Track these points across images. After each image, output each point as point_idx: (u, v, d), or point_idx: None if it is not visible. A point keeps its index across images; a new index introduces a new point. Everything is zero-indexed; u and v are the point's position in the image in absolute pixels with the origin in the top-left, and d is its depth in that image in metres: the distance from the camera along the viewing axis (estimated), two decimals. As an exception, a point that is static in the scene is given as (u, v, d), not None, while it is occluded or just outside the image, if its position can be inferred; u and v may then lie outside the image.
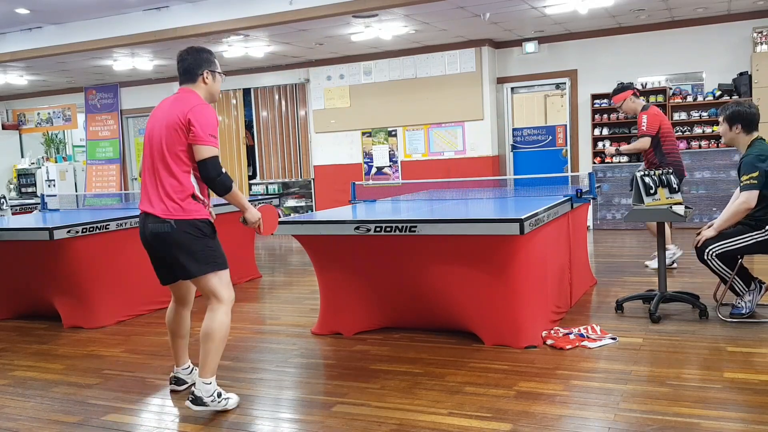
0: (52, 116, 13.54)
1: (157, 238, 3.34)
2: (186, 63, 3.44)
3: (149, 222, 3.35)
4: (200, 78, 3.43)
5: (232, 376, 3.95)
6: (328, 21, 8.06)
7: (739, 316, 4.55)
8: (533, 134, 10.51)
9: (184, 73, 3.45)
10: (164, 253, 3.39)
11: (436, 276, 4.32)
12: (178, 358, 3.77)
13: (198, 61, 3.43)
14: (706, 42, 9.29)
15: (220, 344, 3.34)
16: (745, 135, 4.57)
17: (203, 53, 3.46)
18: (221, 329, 3.33)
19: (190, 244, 3.31)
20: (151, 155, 3.37)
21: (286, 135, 11.70)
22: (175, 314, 3.69)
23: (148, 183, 3.38)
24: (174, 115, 3.28)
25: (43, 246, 5.09)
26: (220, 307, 3.36)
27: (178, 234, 3.29)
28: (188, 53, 3.46)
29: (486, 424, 3.09)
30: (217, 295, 3.36)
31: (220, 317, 3.34)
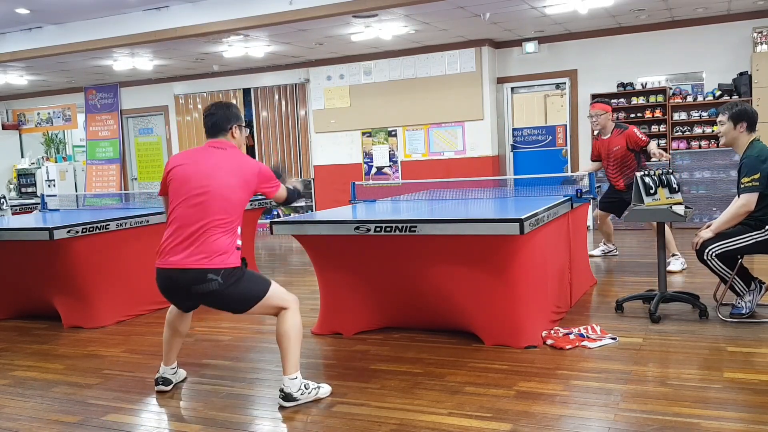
0: (52, 116, 13.54)
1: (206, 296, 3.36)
2: (216, 117, 3.56)
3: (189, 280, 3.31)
4: (230, 132, 3.56)
5: (232, 376, 3.96)
6: (328, 21, 8.06)
7: (739, 316, 4.55)
8: (533, 134, 10.51)
9: (213, 126, 3.56)
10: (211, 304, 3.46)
11: (436, 276, 4.32)
12: (169, 357, 3.78)
13: (227, 115, 3.56)
14: (706, 42, 9.29)
15: (297, 341, 3.45)
16: (747, 134, 4.57)
17: (232, 108, 3.60)
18: (294, 328, 3.45)
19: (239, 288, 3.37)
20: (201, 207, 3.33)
21: (286, 135, 11.70)
22: (179, 313, 3.73)
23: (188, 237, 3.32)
24: (235, 173, 3.40)
25: (43, 246, 5.09)
26: (286, 312, 3.47)
27: (225, 286, 3.32)
28: (217, 108, 3.58)
29: (486, 424, 3.09)
30: (281, 306, 3.47)
31: (290, 319, 3.46)
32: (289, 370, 3.44)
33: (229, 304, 3.44)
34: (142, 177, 13.19)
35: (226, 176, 3.38)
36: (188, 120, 12.31)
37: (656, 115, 9.50)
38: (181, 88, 12.23)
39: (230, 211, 3.36)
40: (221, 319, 5.42)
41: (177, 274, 3.32)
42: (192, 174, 3.40)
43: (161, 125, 12.78)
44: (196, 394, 3.73)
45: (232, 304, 3.43)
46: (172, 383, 3.79)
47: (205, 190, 3.34)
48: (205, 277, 3.28)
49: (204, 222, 3.31)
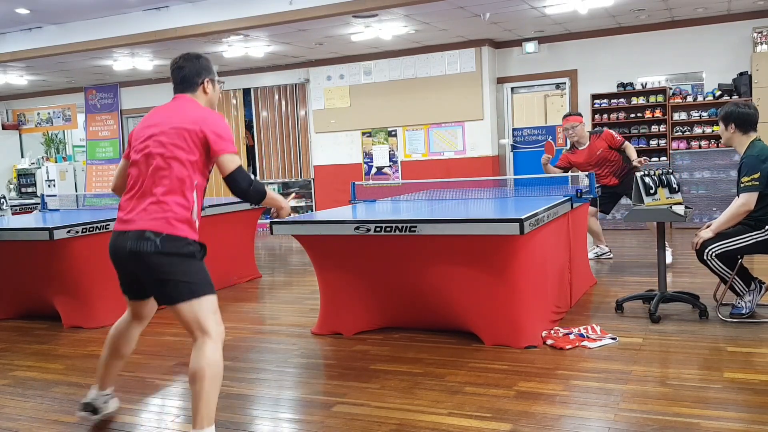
0: (52, 116, 13.53)
1: (136, 257, 2.84)
2: (184, 71, 3.09)
3: (128, 240, 2.85)
4: (200, 87, 3.11)
5: (232, 376, 3.95)
6: (328, 21, 8.06)
7: (739, 316, 4.55)
8: (533, 134, 10.51)
9: (182, 81, 3.09)
10: (143, 273, 2.90)
11: (436, 276, 4.32)
12: (105, 380, 3.25)
13: (197, 68, 3.10)
14: (706, 42, 9.30)
15: (214, 384, 2.78)
16: (741, 135, 4.54)
17: (202, 60, 3.15)
18: (213, 365, 2.79)
19: (176, 266, 2.84)
20: (144, 167, 2.92)
21: (286, 135, 11.70)
22: (127, 329, 3.21)
23: (135, 195, 2.92)
24: (180, 124, 2.91)
25: (43, 246, 5.09)
26: (207, 342, 2.82)
27: (162, 254, 2.82)
28: (186, 60, 3.12)
29: (486, 424, 3.09)
30: (202, 326, 2.84)
31: (211, 352, 2.81)
32: (201, 422, 2.74)
33: (157, 283, 2.87)
34: (142, 177, 13.17)
35: (171, 125, 2.92)
36: (188, 120, 12.29)
37: (656, 115, 9.50)
38: (181, 88, 12.21)
39: (169, 168, 2.86)
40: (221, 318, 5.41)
41: (116, 238, 2.92)
42: (140, 129, 3.03)
43: (161, 125, 12.76)
44: (196, 394, 3.73)
45: (159, 283, 2.86)
46: (100, 412, 3.27)
47: (146, 143, 2.93)
48: (141, 235, 2.81)
49: (146, 179, 2.89)
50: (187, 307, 2.84)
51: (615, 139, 6.71)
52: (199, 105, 3.07)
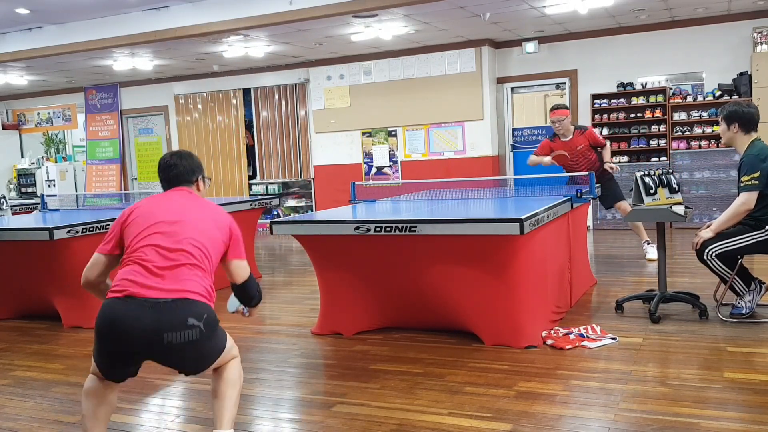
0: (52, 116, 13.53)
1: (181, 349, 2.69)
2: (179, 168, 3.06)
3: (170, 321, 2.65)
4: (195, 185, 3.11)
5: (232, 376, 3.95)
6: (328, 21, 8.06)
7: (739, 316, 4.55)
8: (533, 134, 10.50)
9: (176, 178, 3.06)
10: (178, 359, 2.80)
11: (436, 276, 4.32)
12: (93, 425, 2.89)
13: (192, 166, 3.10)
14: (706, 42, 9.29)
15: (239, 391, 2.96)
16: (743, 134, 4.55)
17: (194, 158, 3.16)
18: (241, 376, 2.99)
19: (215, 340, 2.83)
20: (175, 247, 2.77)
21: (286, 135, 11.70)
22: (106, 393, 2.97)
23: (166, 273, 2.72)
24: (212, 220, 2.91)
25: (43, 246, 5.09)
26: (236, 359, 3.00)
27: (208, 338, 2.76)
28: (179, 158, 3.09)
29: (486, 424, 3.09)
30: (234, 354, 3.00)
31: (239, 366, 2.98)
32: (227, 424, 2.88)
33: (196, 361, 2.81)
34: (142, 177, 13.19)
35: (199, 213, 2.92)
36: (188, 120, 12.31)
37: (656, 115, 9.50)
38: (181, 88, 12.23)
39: (207, 247, 2.83)
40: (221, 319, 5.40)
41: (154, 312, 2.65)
42: (158, 208, 2.91)
43: (161, 125, 12.78)
44: (196, 394, 3.73)
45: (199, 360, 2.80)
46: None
47: (178, 218, 2.85)
48: (186, 321, 2.65)
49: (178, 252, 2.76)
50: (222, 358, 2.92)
51: (597, 138, 6.95)
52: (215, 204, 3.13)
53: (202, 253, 2.81)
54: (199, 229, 2.85)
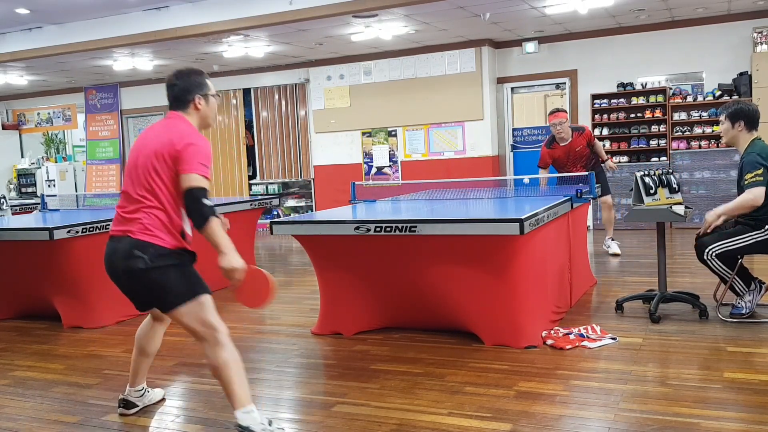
0: (52, 116, 13.53)
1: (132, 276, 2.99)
2: (176, 89, 3.18)
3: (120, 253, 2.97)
4: (191, 104, 3.15)
5: (232, 376, 3.95)
6: (328, 21, 8.06)
7: (739, 316, 4.55)
8: (533, 134, 10.51)
9: (175, 100, 3.18)
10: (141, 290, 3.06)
11: (436, 276, 4.32)
12: (135, 377, 3.44)
13: (188, 86, 3.16)
14: (706, 42, 9.30)
15: (239, 370, 2.99)
16: (747, 133, 4.56)
17: (193, 76, 3.18)
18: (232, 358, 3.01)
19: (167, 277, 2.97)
20: (134, 180, 3.01)
21: (286, 135, 11.70)
22: (150, 329, 3.42)
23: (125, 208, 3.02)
24: (162, 142, 2.99)
25: (43, 246, 5.09)
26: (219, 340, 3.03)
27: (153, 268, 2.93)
28: (177, 77, 3.19)
29: (486, 424, 3.09)
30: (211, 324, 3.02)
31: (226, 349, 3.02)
32: (237, 404, 2.93)
33: (153, 294, 3.00)
34: (142, 177, 13.17)
35: (155, 142, 3.00)
36: (188, 120, 12.29)
37: (656, 115, 9.50)
38: (181, 88, 12.20)
39: (155, 182, 2.95)
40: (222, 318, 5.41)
41: (110, 247, 3.03)
42: (134, 149, 3.11)
43: (161, 125, 12.76)
44: (196, 394, 3.73)
45: (155, 293, 2.99)
46: (136, 407, 3.46)
47: (134, 161, 3.03)
48: (131, 252, 2.91)
49: (136, 195, 2.98)
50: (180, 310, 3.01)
51: (592, 137, 7.13)
52: (184, 122, 3.11)
53: (154, 189, 2.96)
54: (150, 165, 2.97)
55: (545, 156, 7.13)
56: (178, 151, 2.94)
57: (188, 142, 2.96)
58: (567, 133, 6.94)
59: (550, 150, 7.07)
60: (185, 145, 2.95)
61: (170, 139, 2.99)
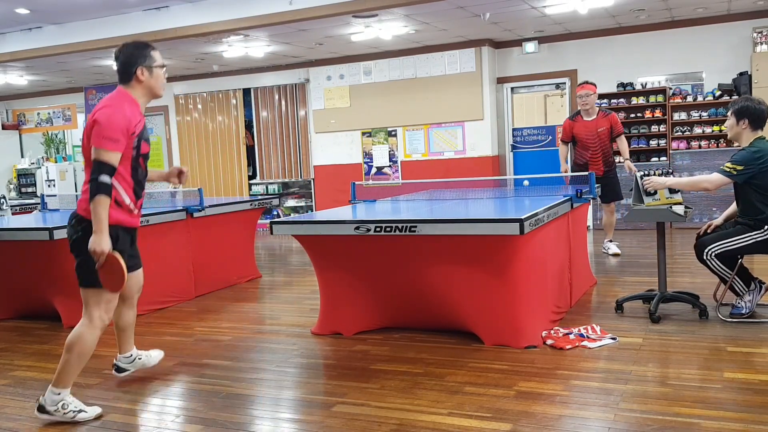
0: (52, 116, 13.53)
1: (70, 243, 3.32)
2: (119, 62, 3.28)
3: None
4: (134, 76, 3.26)
5: (232, 376, 3.95)
6: (328, 21, 8.06)
7: (739, 316, 4.55)
8: (533, 134, 10.51)
9: (118, 73, 3.30)
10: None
11: (436, 276, 4.32)
12: (121, 346, 3.87)
13: (130, 58, 3.25)
14: (706, 42, 9.30)
15: (78, 357, 3.26)
16: (751, 131, 4.55)
17: (137, 48, 3.28)
18: (81, 342, 3.26)
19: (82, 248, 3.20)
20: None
21: (286, 135, 11.70)
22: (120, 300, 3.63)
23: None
24: (94, 112, 3.22)
25: (43, 246, 5.09)
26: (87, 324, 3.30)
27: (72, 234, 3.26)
28: (120, 51, 3.29)
29: (486, 424, 3.09)
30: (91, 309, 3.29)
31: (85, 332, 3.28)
32: (58, 383, 3.28)
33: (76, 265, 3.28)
34: (142, 177, 13.17)
35: (89, 120, 3.24)
36: (188, 120, 12.31)
37: (656, 115, 9.50)
38: (181, 88, 12.23)
39: (87, 157, 3.21)
40: (221, 319, 5.42)
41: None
42: None
43: (161, 125, 12.78)
44: (196, 394, 3.73)
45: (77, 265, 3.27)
46: (127, 371, 3.90)
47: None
48: (69, 221, 3.29)
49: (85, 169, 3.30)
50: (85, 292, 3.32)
51: (619, 125, 7.02)
52: (113, 96, 3.26)
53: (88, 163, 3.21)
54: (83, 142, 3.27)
55: (567, 129, 7.16)
56: (91, 124, 3.18)
57: (94, 119, 3.17)
58: (592, 109, 6.92)
59: (572, 122, 7.09)
60: (92, 122, 3.18)
61: (92, 113, 3.23)
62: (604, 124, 6.91)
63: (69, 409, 3.28)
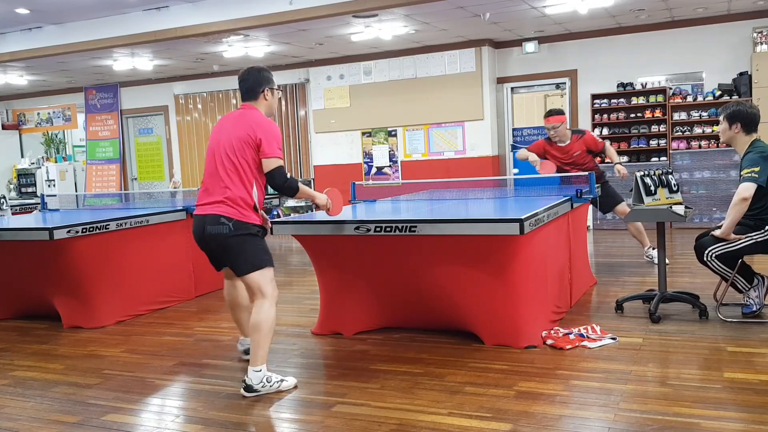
0: (52, 116, 13.54)
1: (215, 239, 3.66)
2: (248, 83, 3.82)
3: (207, 223, 3.66)
4: (261, 95, 3.81)
5: (232, 376, 3.95)
6: (328, 21, 8.06)
7: (752, 315, 4.55)
8: (533, 134, 10.50)
9: (247, 91, 3.83)
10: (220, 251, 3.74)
11: (436, 276, 4.32)
12: (243, 329, 4.18)
13: (259, 80, 3.81)
14: (706, 42, 9.29)
15: (268, 334, 3.61)
16: (744, 135, 4.55)
17: (263, 72, 3.84)
18: (267, 320, 3.61)
19: (243, 245, 3.65)
20: (218, 163, 3.67)
21: (286, 135, 11.70)
22: (231, 287, 4.05)
23: (211, 188, 3.69)
24: (243, 130, 3.64)
25: (43, 246, 5.09)
26: (264, 302, 3.64)
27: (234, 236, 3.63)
28: (249, 73, 3.83)
29: (486, 424, 3.09)
30: (263, 290, 3.65)
31: (266, 311, 3.62)
32: (256, 361, 3.60)
33: (230, 258, 3.70)
34: (142, 177, 13.19)
35: (235, 131, 3.66)
36: (188, 120, 12.31)
37: (656, 115, 9.50)
38: (181, 88, 12.23)
39: (236, 165, 3.62)
40: (221, 319, 5.42)
41: (198, 220, 3.73)
42: (213, 135, 3.81)
43: (161, 125, 12.78)
44: (196, 394, 3.73)
45: (232, 257, 3.69)
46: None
47: (215, 145, 3.72)
48: (218, 220, 3.62)
49: (217, 176, 3.66)
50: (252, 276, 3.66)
51: (597, 143, 6.67)
52: (260, 113, 3.77)
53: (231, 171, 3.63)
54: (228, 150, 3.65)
55: (540, 146, 6.78)
56: (258, 138, 3.61)
57: (265, 131, 3.64)
58: (564, 136, 6.65)
59: (547, 145, 6.73)
60: (263, 134, 3.63)
61: (250, 127, 3.64)
62: (579, 147, 6.59)
63: (273, 381, 3.63)
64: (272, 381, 3.62)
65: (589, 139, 6.68)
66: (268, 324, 3.62)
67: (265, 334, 3.61)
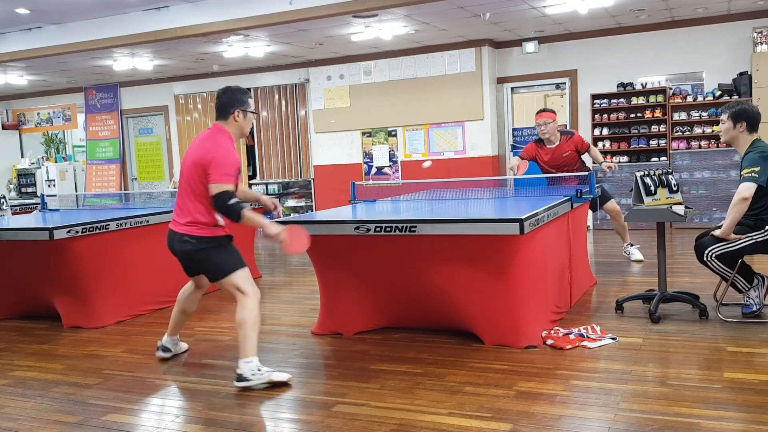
0: (52, 116, 13.54)
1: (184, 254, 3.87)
2: (221, 101, 3.85)
3: (176, 240, 3.86)
4: (231, 116, 3.84)
5: (232, 376, 3.95)
6: (328, 21, 8.06)
7: (752, 315, 4.55)
8: (533, 134, 10.50)
9: (218, 110, 3.86)
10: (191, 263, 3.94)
11: (436, 276, 4.32)
12: (174, 328, 4.33)
13: (231, 101, 3.84)
14: (706, 42, 9.29)
15: (253, 328, 3.73)
16: (747, 134, 4.56)
17: (237, 93, 3.86)
18: (250, 315, 3.73)
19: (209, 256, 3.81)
20: (183, 183, 3.83)
21: (286, 135, 11.70)
22: (191, 293, 4.22)
23: (180, 206, 3.85)
24: (199, 154, 3.76)
25: (43, 246, 5.09)
26: (246, 300, 3.76)
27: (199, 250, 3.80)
28: (224, 92, 3.87)
29: (486, 424, 3.09)
30: (241, 289, 3.78)
31: (248, 306, 3.74)
32: (246, 354, 3.72)
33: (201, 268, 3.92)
34: (142, 177, 13.19)
35: (194, 153, 3.79)
36: (188, 120, 12.31)
37: (656, 115, 9.50)
38: (181, 88, 12.23)
39: (192, 187, 3.77)
40: (221, 319, 5.42)
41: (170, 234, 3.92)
42: (186, 153, 3.93)
43: (161, 125, 12.78)
44: (196, 394, 3.73)
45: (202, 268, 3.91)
46: (171, 352, 4.35)
47: (183, 164, 3.89)
48: (182, 239, 3.81)
49: (183, 195, 3.82)
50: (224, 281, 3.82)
51: (583, 143, 6.74)
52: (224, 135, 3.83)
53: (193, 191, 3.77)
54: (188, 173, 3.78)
55: (530, 150, 6.81)
56: (208, 163, 3.69)
57: (215, 153, 3.71)
58: (553, 135, 6.65)
59: (537, 148, 6.77)
60: (213, 157, 3.69)
61: (206, 146, 3.76)
62: (569, 148, 6.64)
63: (264, 371, 3.70)
64: (263, 370, 3.70)
65: (578, 139, 6.78)
66: (252, 318, 3.73)
67: (251, 327, 3.72)
